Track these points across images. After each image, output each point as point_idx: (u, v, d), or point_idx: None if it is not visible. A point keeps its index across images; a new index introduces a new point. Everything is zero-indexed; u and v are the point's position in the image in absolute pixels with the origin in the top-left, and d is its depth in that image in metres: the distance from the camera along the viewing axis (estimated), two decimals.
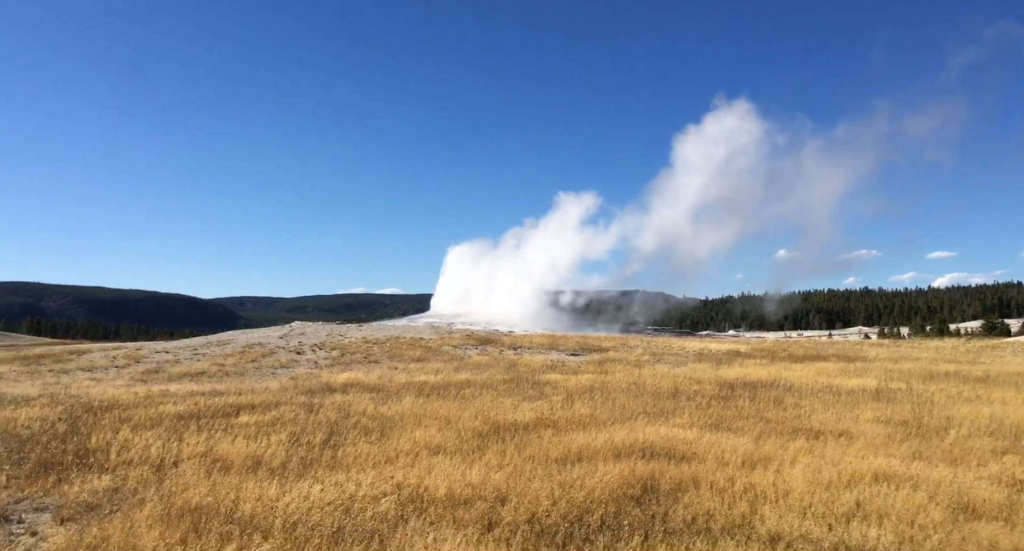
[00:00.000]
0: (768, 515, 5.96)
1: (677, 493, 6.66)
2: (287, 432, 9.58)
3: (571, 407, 12.15)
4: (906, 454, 8.47)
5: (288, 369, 21.22)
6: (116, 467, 7.71)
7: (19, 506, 6.45)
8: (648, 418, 11.01)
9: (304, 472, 7.42)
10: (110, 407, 11.98)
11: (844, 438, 9.50)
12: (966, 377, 18.05)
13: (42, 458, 8.01)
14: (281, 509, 5.91)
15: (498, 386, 15.62)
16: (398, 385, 15.83)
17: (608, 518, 5.89)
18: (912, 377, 18.05)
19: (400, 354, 25.30)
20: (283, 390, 14.99)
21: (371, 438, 9.31)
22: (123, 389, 15.70)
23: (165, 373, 20.24)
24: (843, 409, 12.20)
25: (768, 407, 12.41)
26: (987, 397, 14.01)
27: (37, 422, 10.29)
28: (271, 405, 12.29)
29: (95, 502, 6.44)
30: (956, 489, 6.79)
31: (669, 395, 14.07)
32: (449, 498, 6.34)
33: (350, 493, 6.38)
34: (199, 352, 25.28)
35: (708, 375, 18.83)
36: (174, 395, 13.84)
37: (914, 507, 6.16)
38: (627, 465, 7.55)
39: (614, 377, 18.21)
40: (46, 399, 13.19)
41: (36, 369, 21.46)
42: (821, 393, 14.52)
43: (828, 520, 5.90)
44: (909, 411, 11.92)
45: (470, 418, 10.72)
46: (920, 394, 14.37)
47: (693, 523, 5.85)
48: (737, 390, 15.00)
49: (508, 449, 8.49)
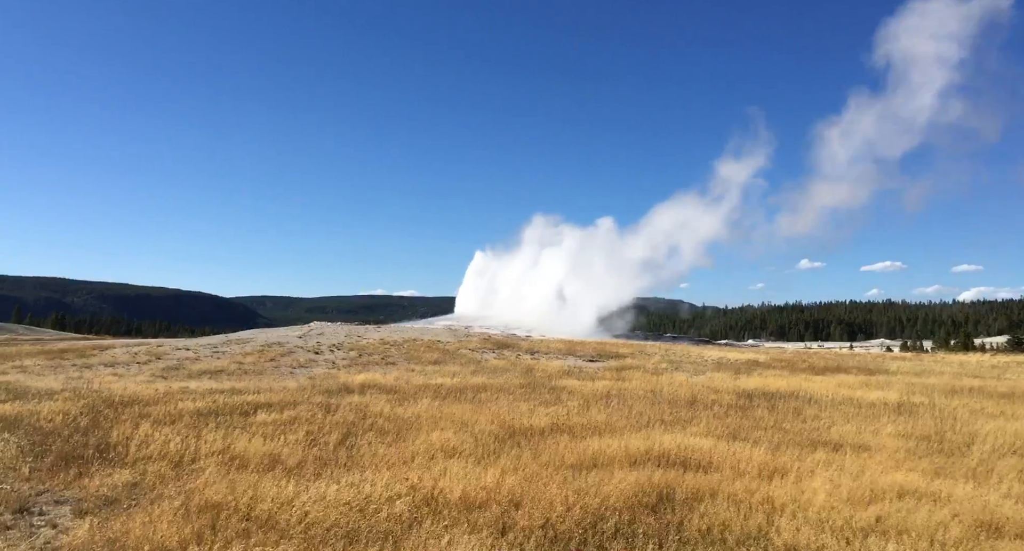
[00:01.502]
0: (785, 527, 5.89)
1: (693, 502, 6.60)
2: (304, 431, 9.66)
3: (587, 413, 12.11)
4: (928, 469, 8.33)
5: (306, 369, 21.38)
6: (135, 462, 7.82)
7: (40, 498, 6.55)
8: (665, 426, 10.94)
9: (320, 472, 7.47)
10: (131, 402, 12.14)
11: (864, 451, 9.37)
12: (991, 393, 17.71)
13: (63, 451, 8.14)
14: (297, 508, 5.96)
15: (515, 390, 15.60)
16: (415, 387, 15.88)
17: (622, 526, 5.86)
18: (935, 391, 17.74)
19: (417, 356, 25.38)
20: (301, 389, 15.09)
21: (387, 439, 9.35)
22: (144, 385, 15.91)
23: (185, 370, 20.49)
24: (864, 422, 12.03)
25: (787, 418, 12.27)
26: (1012, 413, 13.74)
27: (59, 416, 10.45)
28: (289, 404, 12.39)
29: (114, 496, 6.53)
30: (979, 507, 6.67)
31: (686, 403, 13.96)
32: (463, 501, 6.35)
33: (365, 494, 6.41)
34: (219, 350, 25.57)
35: (726, 384, 18.66)
36: (193, 392, 14.00)
37: (935, 524, 6.06)
38: (643, 473, 7.50)
39: (631, 384, 18.10)
40: (69, 393, 13.40)
41: (60, 363, 21.84)
42: (841, 405, 14.32)
43: (846, 534, 5.82)
44: (931, 426, 11.72)
45: (486, 422, 10.73)
46: (943, 409, 14.12)
47: (708, 533, 5.80)
48: (756, 400, 14.85)
49: (523, 454, 8.48)
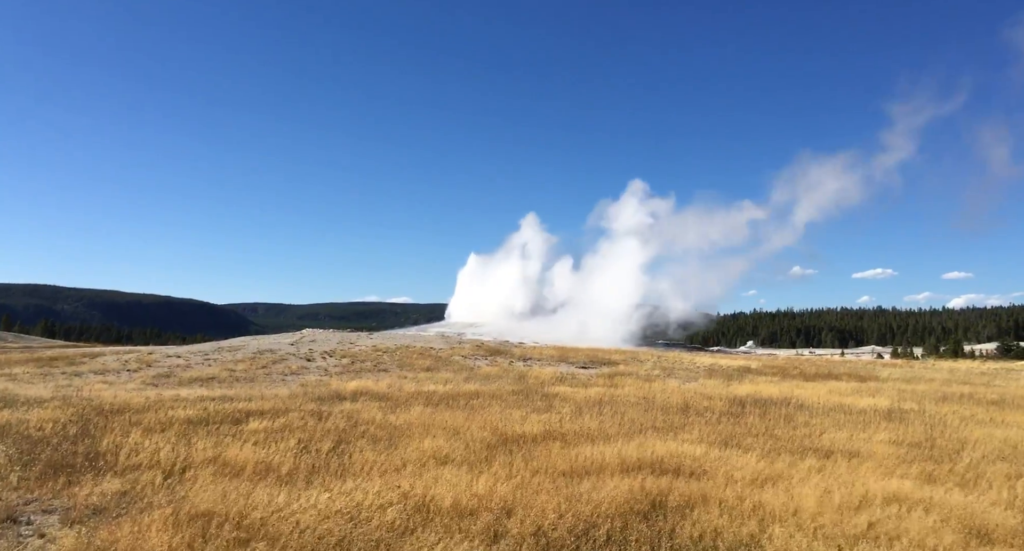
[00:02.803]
0: (777, 534, 5.90)
1: (685, 509, 6.61)
2: (296, 439, 9.61)
3: (580, 420, 12.10)
4: (918, 476, 8.37)
5: (298, 376, 21.28)
6: (125, 470, 7.75)
7: (28, 508, 6.48)
8: (657, 433, 10.94)
9: (312, 479, 7.44)
10: (121, 410, 12.05)
11: (855, 458, 9.40)
12: (980, 399, 17.82)
13: (52, 460, 8.06)
14: (289, 516, 5.92)
15: (507, 397, 15.58)
16: (407, 394, 15.83)
17: (614, 533, 5.85)
18: (925, 398, 17.84)
19: (410, 363, 25.31)
20: (293, 397, 15.02)
21: (379, 447, 9.32)
22: (134, 393, 15.80)
23: (176, 377, 20.36)
24: (855, 429, 12.08)
25: (779, 425, 12.30)
26: (1001, 420, 13.82)
27: (49, 424, 10.36)
28: (280, 411, 12.32)
29: (104, 505, 6.47)
30: (969, 513, 6.70)
31: (679, 410, 13.98)
32: (456, 509, 6.33)
33: (357, 501, 6.39)
34: (210, 357, 25.42)
35: (718, 391, 18.70)
36: (184, 400, 13.91)
37: (926, 530, 6.09)
38: (635, 480, 7.50)
39: (624, 391, 18.11)
40: (58, 401, 13.28)
41: (49, 371, 21.64)
42: (833, 412, 14.37)
43: (838, 541, 5.84)
44: (922, 432, 11.78)
45: (478, 429, 10.71)
46: (933, 416, 14.20)
47: (700, 540, 5.80)
48: (747, 407, 14.89)
49: (515, 461, 8.47)
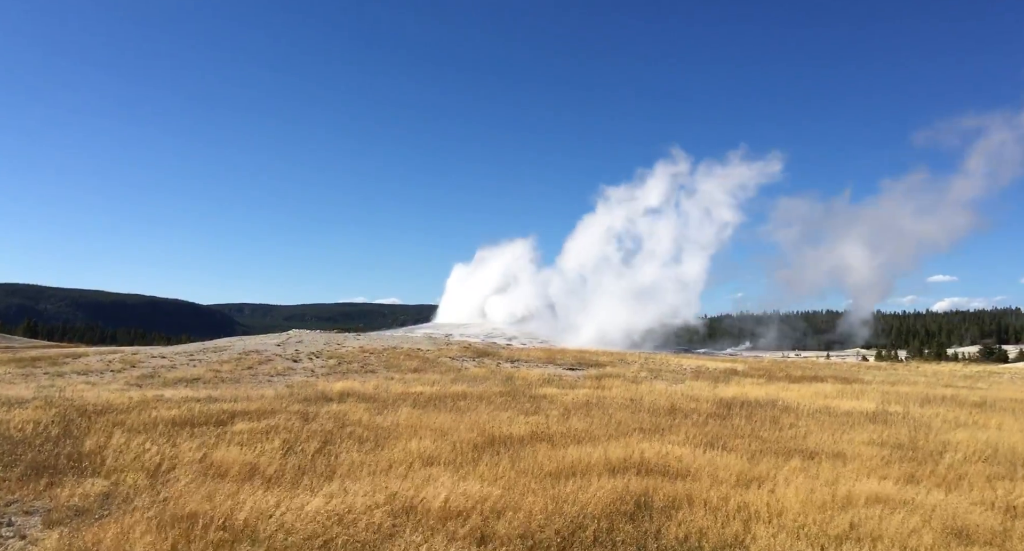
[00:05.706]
0: (761, 535, 5.95)
1: (671, 510, 6.65)
2: (282, 440, 9.56)
3: (567, 421, 12.12)
4: (901, 477, 8.46)
5: (284, 377, 21.18)
6: (109, 472, 7.69)
7: (9, 509, 6.42)
8: (644, 434, 10.98)
9: (298, 481, 7.41)
10: (104, 411, 11.94)
11: (839, 459, 9.49)
12: (963, 402, 18.02)
13: (34, 461, 7.98)
14: (275, 518, 5.90)
15: (494, 399, 15.57)
16: (394, 395, 15.80)
17: (601, 534, 5.88)
18: (909, 400, 18.01)
19: (397, 364, 25.25)
20: (279, 398, 14.94)
21: (366, 448, 9.30)
22: (118, 393, 15.65)
23: (161, 378, 20.19)
24: (839, 430, 12.18)
25: (764, 426, 12.39)
26: (983, 423, 13.99)
27: (30, 425, 10.24)
28: (266, 413, 12.26)
29: (86, 506, 6.42)
30: (950, 513, 6.78)
31: (665, 412, 14.04)
32: (443, 510, 6.33)
33: (344, 503, 6.37)
34: (195, 358, 25.23)
35: (705, 393, 18.79)
36: (169, 400, 13.80)
37: (907, 530, 6.15)
38: (621, 481, 7.54)
39: (611, 392, 18.16)
40: (40, 402, 13.13)
41: (31, 372, 21.40)
42: (817, 414, 14.49)
43: (821, 541, 5.89)
44: (905, 434, 11.90)
45: (465, 430, 10.70)
46: (916, 418, 14.35)
47: (686, 541, 5.84)
48: (734, 409, 14.97)
49: (503, 462, 8.48)
